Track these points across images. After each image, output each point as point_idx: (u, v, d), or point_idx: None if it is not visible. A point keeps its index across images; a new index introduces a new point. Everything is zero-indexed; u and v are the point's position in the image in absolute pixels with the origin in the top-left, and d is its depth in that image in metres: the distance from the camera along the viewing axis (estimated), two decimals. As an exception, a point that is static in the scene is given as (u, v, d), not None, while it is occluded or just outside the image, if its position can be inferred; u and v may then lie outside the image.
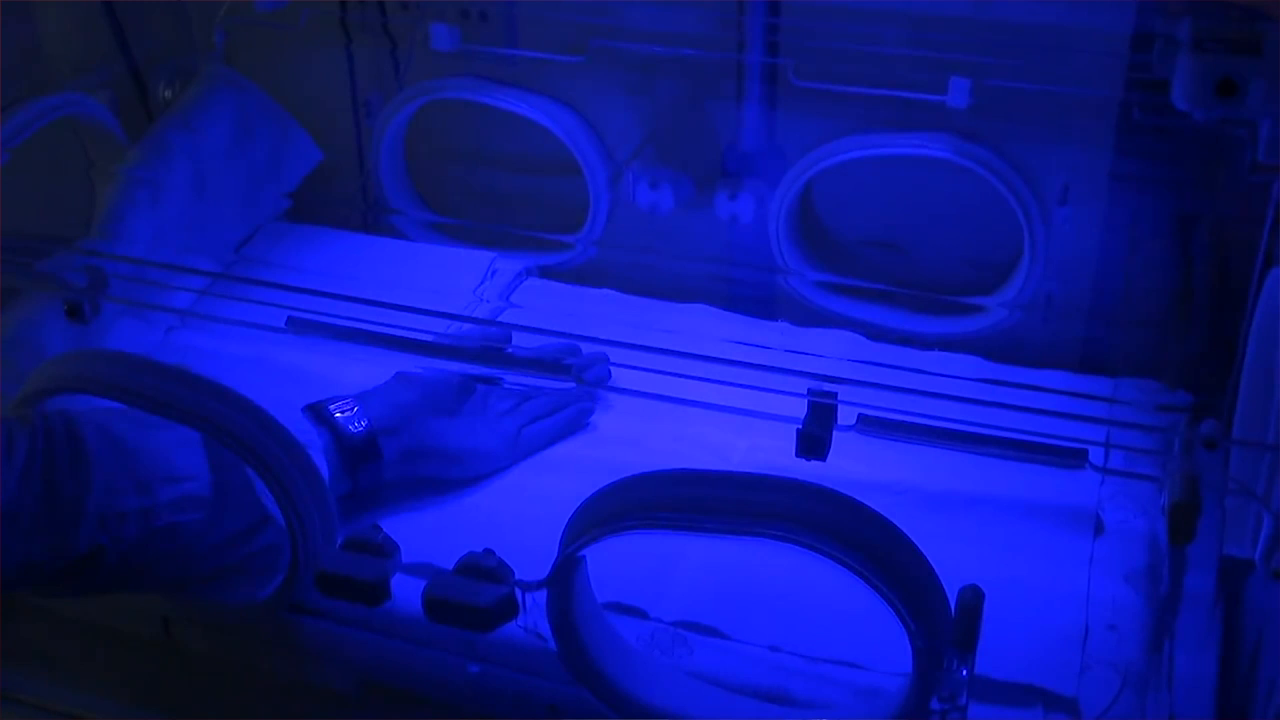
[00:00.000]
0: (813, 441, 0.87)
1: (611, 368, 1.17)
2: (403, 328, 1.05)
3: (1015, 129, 1.30)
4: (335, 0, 1.51)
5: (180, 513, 0.99)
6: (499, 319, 1.36)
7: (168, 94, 1.51)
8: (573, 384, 0.99)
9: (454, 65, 1.48)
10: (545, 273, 1.51)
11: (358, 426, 1.11)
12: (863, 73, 1.30)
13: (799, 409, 0.91)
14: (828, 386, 0.88)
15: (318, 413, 1.10)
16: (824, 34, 1.30)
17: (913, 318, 1.39)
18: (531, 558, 0.93)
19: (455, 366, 1.14)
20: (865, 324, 1.39)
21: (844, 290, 1.42)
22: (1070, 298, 1.36)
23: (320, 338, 1.06)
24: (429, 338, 1.06)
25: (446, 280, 1.45)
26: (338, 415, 1.11)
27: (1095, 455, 0.96)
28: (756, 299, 1.45)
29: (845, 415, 0.91)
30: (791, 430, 0.90)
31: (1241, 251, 1.15)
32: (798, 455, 0.89)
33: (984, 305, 1.37)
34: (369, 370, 1.27)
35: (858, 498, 0.84)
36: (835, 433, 0.88)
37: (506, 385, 1.23)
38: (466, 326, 1.22)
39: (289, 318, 1.04)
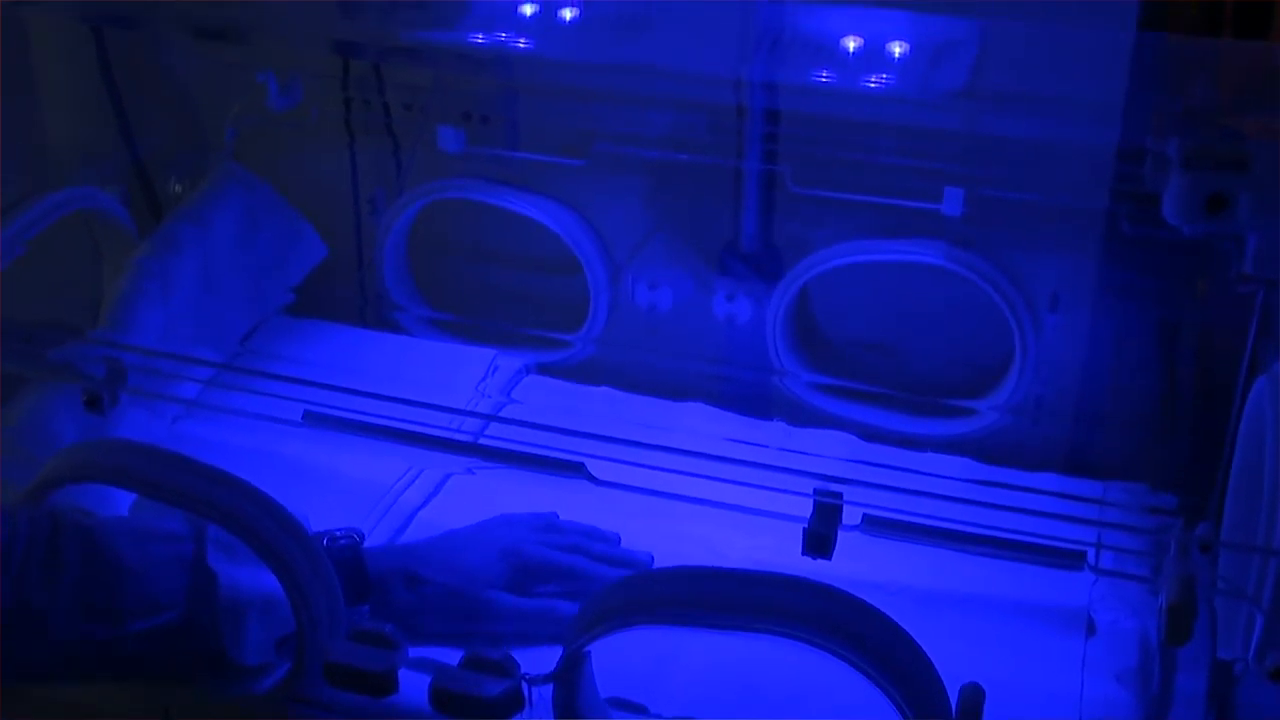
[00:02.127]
0: (819, 540, 0.89)
1: (609, 464, 1.18)
2: (404, 421, 1.07)
3: (1007, 236, 1.34)
4: (342, 100, 1.55)
5: (148, 644, 1.01)
6: (500, 414, 1.38)
7: (178, 188, 1.54)
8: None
9: (457, 165, 1.52)
10: (545, 369, 1.53)
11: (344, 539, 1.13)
12: (859, 180, 1.34)
13: (797, 508, 0.93)
14: (833, 486, 0.91)
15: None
16: (821, 142, 1.33)
17: (906, 419, 1.41)
18: (535, 651, 0.94)
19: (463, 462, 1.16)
20: (860, 425, 1.41)
21: (839, 392, 1.44)
22: (1060, 401, 1.39)
23: (329, 431, 1.08)
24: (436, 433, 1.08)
25: (449, 376, 1.47)
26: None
27: (1087, 556, 0.98)
28: (753, 398, 1.47)
29: (846, 514, 0.93)
30: (790, 529, 0.92)
31: (1226, 358, 1.18)
32: (804, 554, 0.91)
33: (976, 408, 1.40)
34: (372, 463, 1.30)
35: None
36: (840, 532, 0.91)
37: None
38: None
39: (305, 411, 1.06)
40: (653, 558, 1.21)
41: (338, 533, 1.13)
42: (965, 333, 1.42)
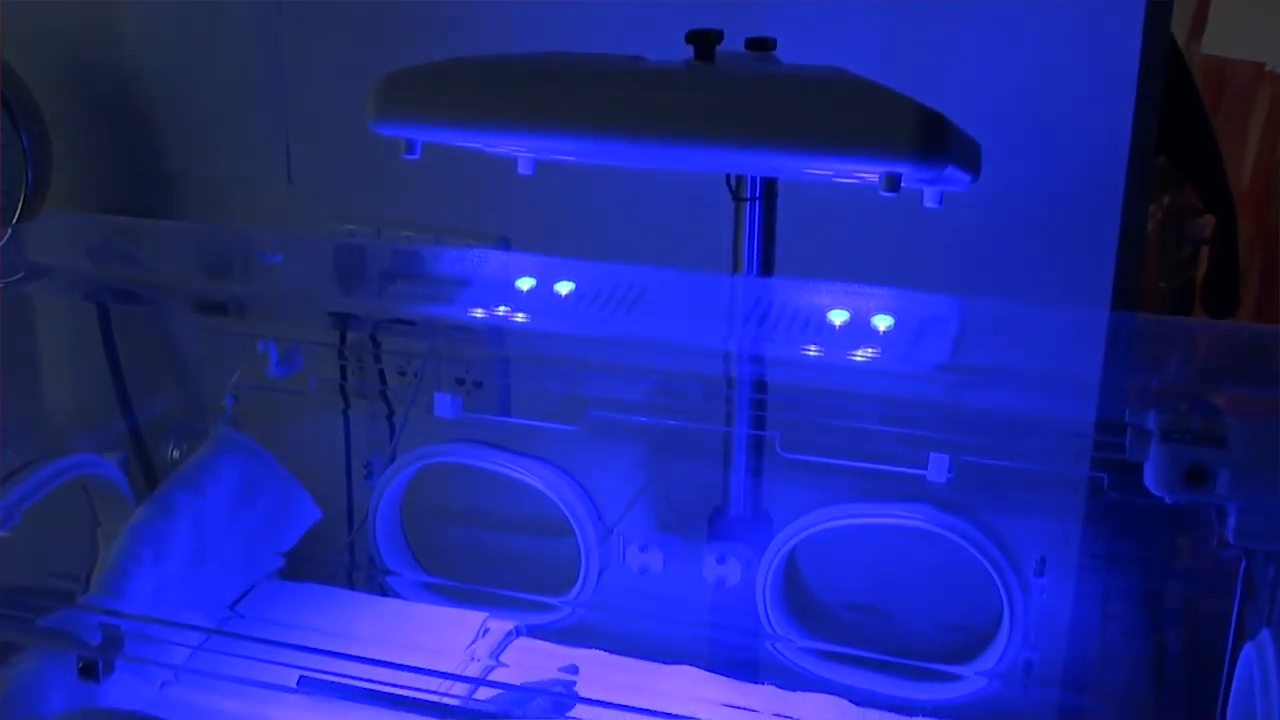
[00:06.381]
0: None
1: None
2: (393, 685, 1.07)
3: (992, 501, 1.36)
4: (339, 367, 1.59)
5: None
6: (488, 678, 1.38)
7: (175, 454, 1.57)
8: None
9: (450, 430, 1.55)
10: (536, 632, 1.53)
11: None
12: (846, 446, 1.37)
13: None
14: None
15: None
16: (809, 410, 1.37)
17: (898, 683, 1.41)
18: None
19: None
20: (851, 689, 1.41)
21: (830, 656, 1.44)
22: (1049, 665, 1.39)
23: (318, 695, 1.09)
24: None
25: (439, 639, 1.47)
26: None
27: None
28: (743, 662, 1.47)
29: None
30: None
31: (1215, 622, 1.19)
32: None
33: (966, 674, 1.40)
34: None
35: None
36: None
37: None
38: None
39: (300, 677, 1.06)
40: None
41: None
42: (954, 595, 1.43)
